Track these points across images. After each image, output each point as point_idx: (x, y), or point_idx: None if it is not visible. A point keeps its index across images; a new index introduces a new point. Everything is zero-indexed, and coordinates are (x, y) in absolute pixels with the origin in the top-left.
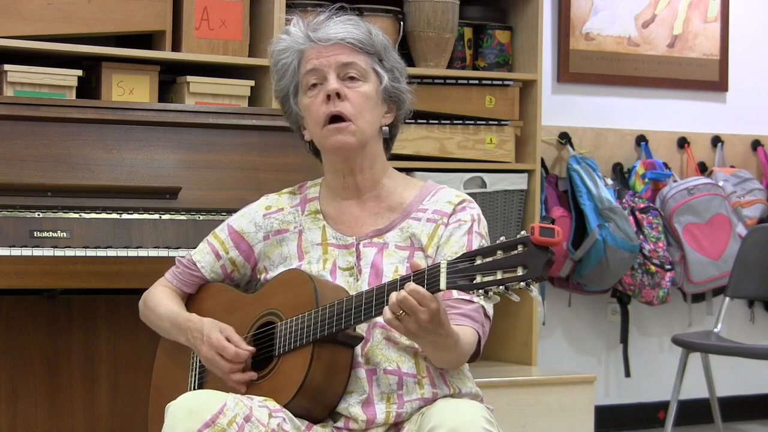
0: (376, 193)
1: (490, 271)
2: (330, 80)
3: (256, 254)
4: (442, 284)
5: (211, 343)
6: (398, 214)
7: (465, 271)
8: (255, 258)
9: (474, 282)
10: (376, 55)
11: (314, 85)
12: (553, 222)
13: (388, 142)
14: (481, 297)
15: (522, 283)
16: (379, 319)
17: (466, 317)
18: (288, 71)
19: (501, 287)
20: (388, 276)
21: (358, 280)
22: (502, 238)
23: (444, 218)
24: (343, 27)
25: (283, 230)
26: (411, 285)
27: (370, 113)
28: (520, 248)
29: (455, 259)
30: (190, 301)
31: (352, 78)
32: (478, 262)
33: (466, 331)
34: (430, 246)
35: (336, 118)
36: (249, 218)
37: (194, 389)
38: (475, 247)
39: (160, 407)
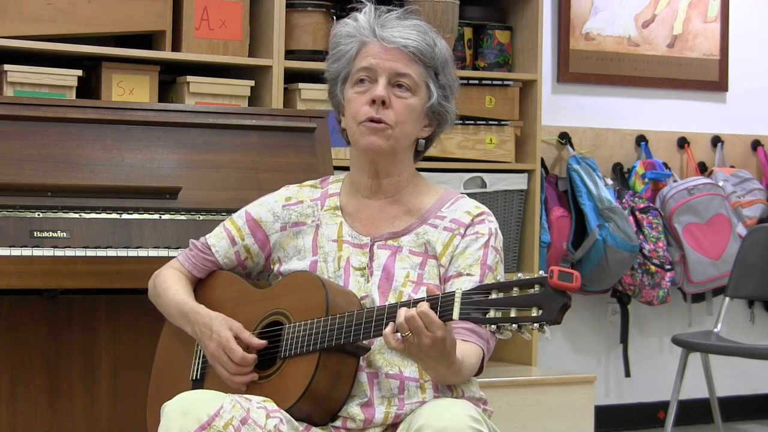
0: (397, 198)
1: (504, 307)
2: (379, 85)
3: (272, 244)
4: (455, 314)
5: (220, 341)
6: (416, 219)
7: (479, 304)
8: (270, 248)
9: (487, 316)
10: (434, 68)
11: (362, 81)
12: (572, 266)
13: (419, 152)
14: (494, 331)
15: (535, 325)
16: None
17: (473, 333)
18: (344, 57)
19: (514, 326)
20: (398, 280)
21: (368, 282)
22: (519, 275)
23: (461, 228)
24: (410, 33)
25: (301, 223)
26: (424, 306)
27: (411, 125)
28: (537, 288)
29: (470, 290)
30: (200, 287)
31: (401, 87)
32: (493, 296)
33: (471, 351)
34: (444, 255)
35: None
36: (268, 207)
37: (196, 377)
38: (489, 261)
39: (160, 390)
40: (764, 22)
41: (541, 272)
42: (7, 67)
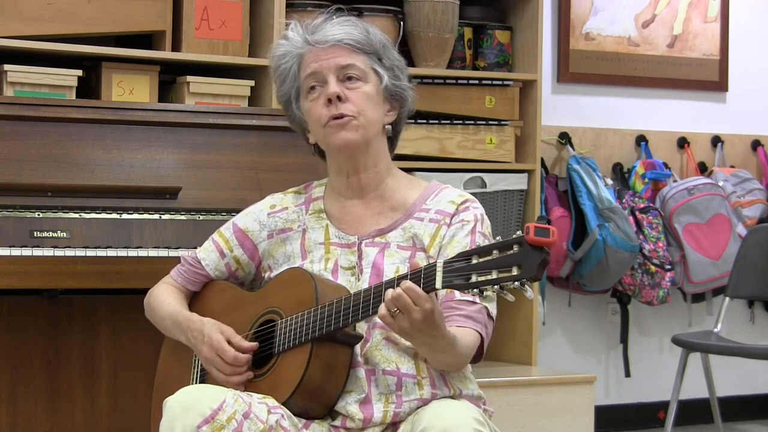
0: (380, 193)
1: (485, 270)
2: (330, 83)
3: (261, 253)
4: (438, 283)
5: (212, 344)
6: (401, 214)
7: (461, 271)
8: (259, 257)
9: (469, 281)
10: (375, 54)
11: (314, 88)
12: (549, 222)
13: (392, 141)
14: (477, 296)
15: (516, 283)
16: (378, 319)
17: (468, 318)
18: (288, 76)
19: (496, 287)
20: (388, 276)
21: (359, 280)
22: (498, 238)
23: (446, 218)
24: (340, 28)
25: (287, 229)
26: (407, 283)
27: (372, 111)
28: (515, 248)
29: (451, 258)
30: (195, 298)
31: (351, 79)
32: (474, 261)
33: (466, 333)
34: (432, 246)
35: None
36: (254, 217)
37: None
38: None
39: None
40: (764, 22)
41: (518, 232)
42: (7, 67)
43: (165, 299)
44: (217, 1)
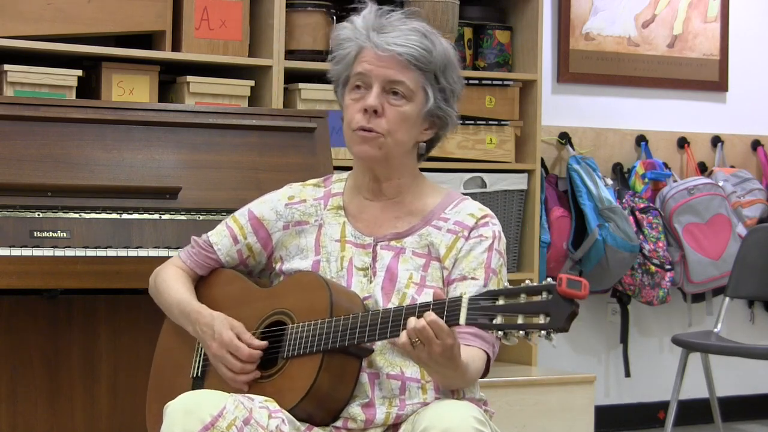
0: (400, 199)
1: (511, 313)
2: (372, 93)
3: (274, 243)
4: (462, 319)
5: (223, 341)
6: (419, 220)
7: (486, 310)
8: (272, 246)
9: (494, 322)
10: (432, 72)
11: (358, 87)
12: (580, 273)
13: (422, 154)
14: (500, 337)
15: (542, 332)
16: None
17: (477, 337)
18: (344, 61)
19: (521, 332)
20: (402, 282)
21: (371, 282)
22: (527, 282)
23: (465, 231)
24: (405, 39)
25: (304, 222)
26: (431, 316)
27: (406, 133)
28: (544, 295)
29: (478, 295)
30: (201, 284)
31: (396, 94)
32: (500, 302)
33: (476, 356)
34: (447, 258)
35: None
36: (271, 206)
37: (197, 375)
38: (493, 264)
39: (160, 387)
40: (764, 22)
41: (549, 279)
42: (7, 67)
43: (173, 285)
44: (217, 1)
